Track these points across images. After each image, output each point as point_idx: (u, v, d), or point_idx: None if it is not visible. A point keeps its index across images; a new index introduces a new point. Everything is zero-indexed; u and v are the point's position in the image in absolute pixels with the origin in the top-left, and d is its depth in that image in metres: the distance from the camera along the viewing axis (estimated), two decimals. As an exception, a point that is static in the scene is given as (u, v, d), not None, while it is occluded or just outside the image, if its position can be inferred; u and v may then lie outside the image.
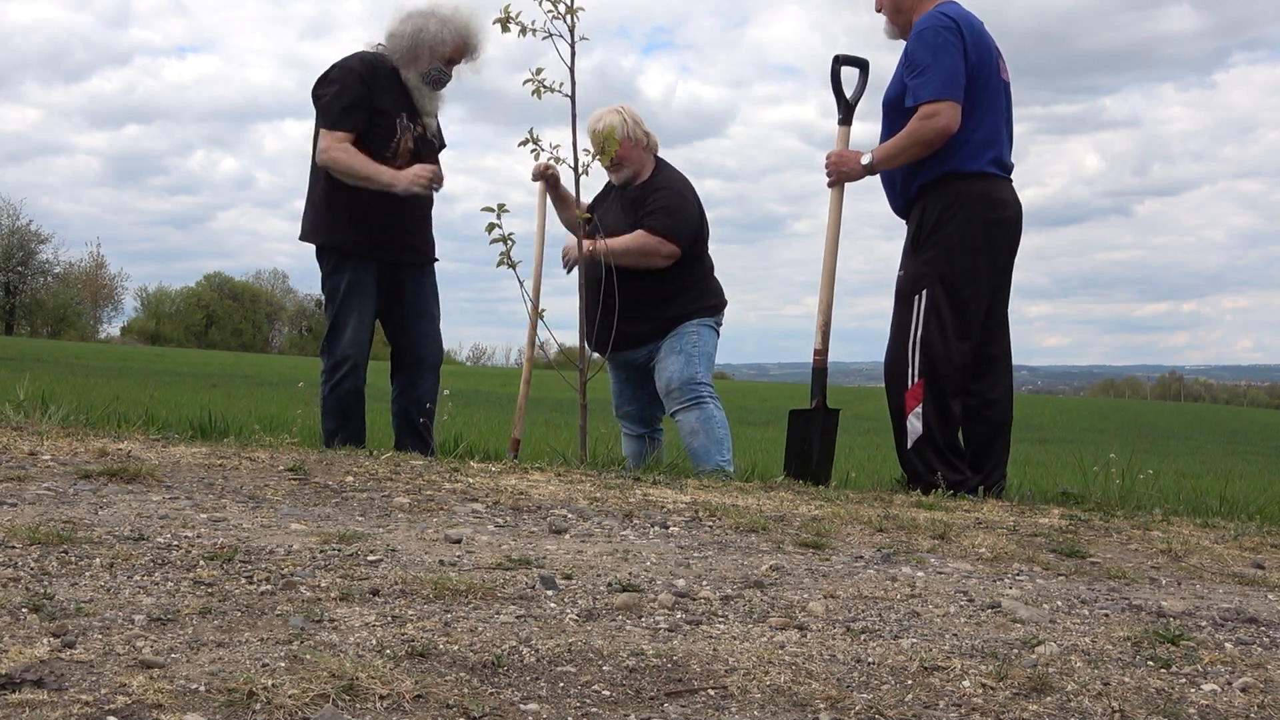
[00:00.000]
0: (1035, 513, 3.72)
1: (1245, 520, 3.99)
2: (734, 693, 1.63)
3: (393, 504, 2.93)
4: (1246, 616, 2.31)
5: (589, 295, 4.62)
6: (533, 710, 1.52)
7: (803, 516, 3.20)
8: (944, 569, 2.62)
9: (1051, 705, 1.66)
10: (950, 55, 4.00)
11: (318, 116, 4.44)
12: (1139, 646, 2.00)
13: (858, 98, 4.48)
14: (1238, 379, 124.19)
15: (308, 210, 4.55)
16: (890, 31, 4.32)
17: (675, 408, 4.76)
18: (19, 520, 2.35)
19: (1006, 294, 4.29)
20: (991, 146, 4.11)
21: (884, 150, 4.19)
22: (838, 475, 4.60)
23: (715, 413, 4.73)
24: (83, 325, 58.96)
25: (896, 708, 1.61)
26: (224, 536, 2.37)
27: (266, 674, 1.53)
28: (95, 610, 1.79)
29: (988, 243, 4.11)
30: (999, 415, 4.25)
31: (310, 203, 4.53)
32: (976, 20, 4.15)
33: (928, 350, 4.08)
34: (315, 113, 4.47)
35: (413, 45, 4.46)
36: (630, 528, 2.86)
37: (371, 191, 4.38)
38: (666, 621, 1.98)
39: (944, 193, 4.10)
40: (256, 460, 3.44)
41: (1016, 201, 4.23)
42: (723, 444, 4.70)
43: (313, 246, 4.55)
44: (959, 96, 4.01)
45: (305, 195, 4.57)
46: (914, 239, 4.18)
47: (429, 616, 1.89)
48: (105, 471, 2.96)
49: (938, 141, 4.02)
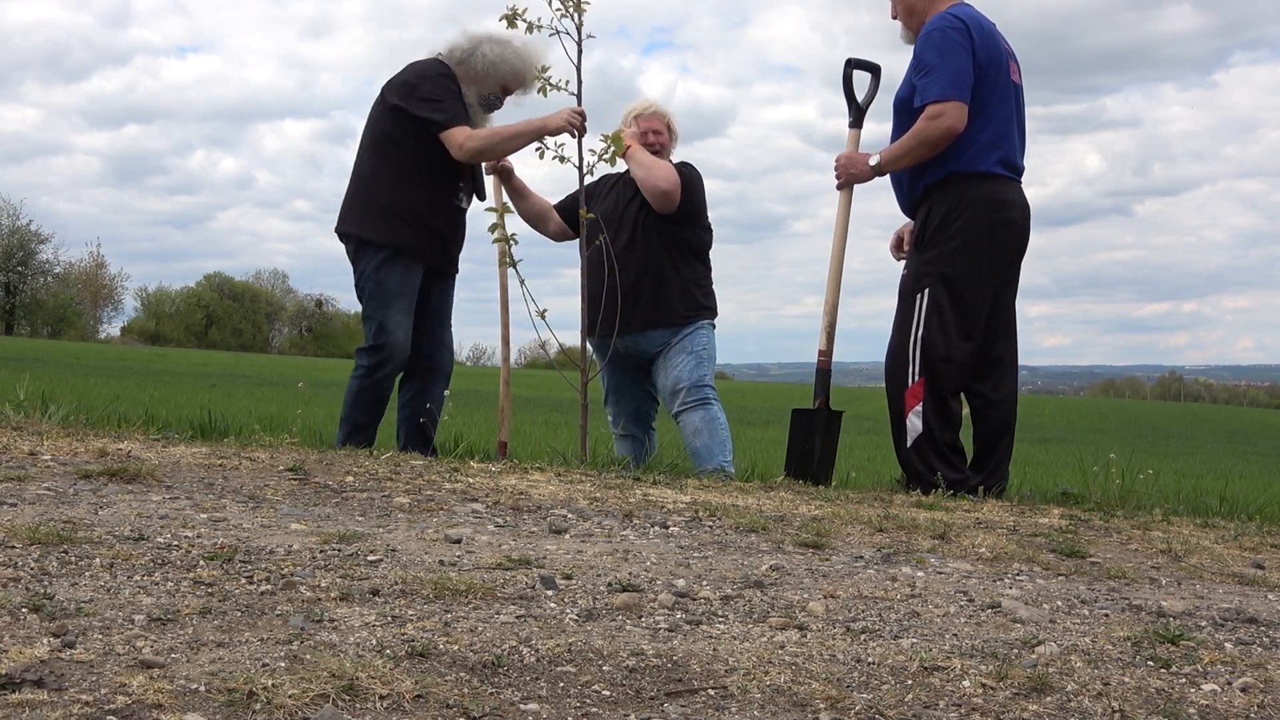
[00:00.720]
0: (1035, 513, 3.72)
1: (1245, 520, 3.99)
2: (734, 693, 1.63)
3: (393, 504, 2.93)
4: (1246, 616, 2.31)
5: (592, 281, 4.63)
6: (533, 710, 1.52)
7: (803, 516, 3.20)
8: (944, 569, 2.62)
9: (1051, 705, 1.66)
10: (957, 56, 4.00)
11: (427, 119, 4.37)
12: (1139, 646, 2.00)
13: (869, 101, 4.50)
14: (1238, 379, 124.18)
15: (358, 205, 4.52)
16: (906, 36, 4.32)
17: (680, 408, 4.79)
18: (19, 520, 2.35)
19: (1013, 295, 4.28)
20: (999, 147, 4.10)
21: (891, 151, 4.20)
22: (838, 475, 4.60)
23: (719, 414, 4.79)
24: (83, 325, 58.96)
25: (896, 708, 1.61)
26: (224, 536, 2.37)
27: (266, 674, 1.53)
28: (95, 610, 1.79)
29: (992, 243, 4.11)
30: (1002, 416, 4.25)
31: (364, 197, 4.51)
32: (987, 21, 4.14)
33: (928, 349, 4.08)
34: (401, 111, 4.40)
35: (488, 69, 4.50)
36: (630, 528, 2.86)
37: (434, 201, 4.47)
38: (666, 621, 1.98)
39: (949, 193, 4.09)
40: (256, 460, 3.44)
41: (1024, 203, 4.22)
42: (725, 445, 4.74)
43: (351, 238, 4.54)
44: (965, 97, 4.01)
45: (347, 189, 4.56)
46: (919, 238, 4.19)
47: (429, 616, 1.89)
48: (105, 471, 2.96)
49: (943, 142, 4.02)
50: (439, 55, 4.55)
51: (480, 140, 4.42)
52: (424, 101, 4.39)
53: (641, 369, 4.97)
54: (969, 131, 4.03)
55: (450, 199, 4.54)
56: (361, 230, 4.49)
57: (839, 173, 4.38)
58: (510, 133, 4.45)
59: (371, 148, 4.51)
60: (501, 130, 4.47)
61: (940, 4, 4.19)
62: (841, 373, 11.08)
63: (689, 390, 4.76)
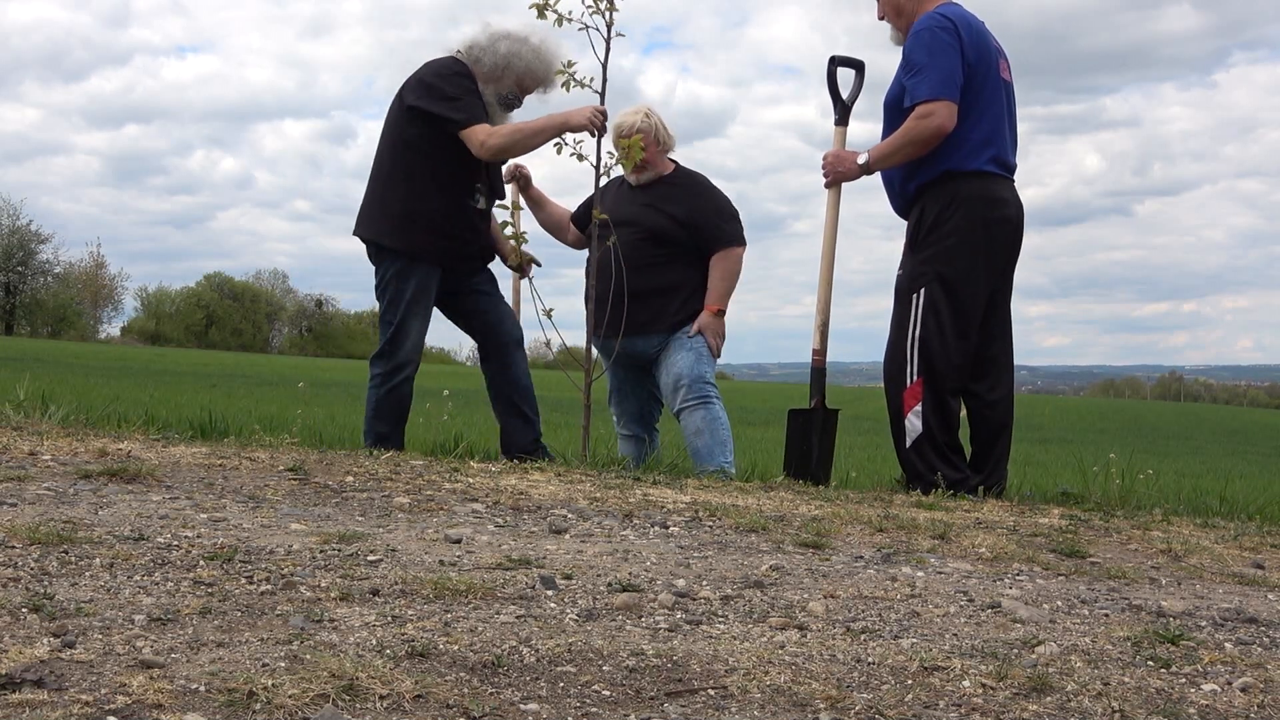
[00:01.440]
0: (1035, 513, 3.72)
1: (1245, 520, 3.99)
2: (734, 693, 1.63)
3: (393, 504, 2.93)
4: (1246, 616, 2.31)
5: (600, 283, 4.64)
6: (533, 710, 1.52)
7: (803, 516, 3.20)
8: (944, 569, 2.62)
9: (1051, 705, 1.66)
10: (946, 55, 4.01)
11: (446, 117, 4.32)
12: (1139, 646, 2.00)
13: (854, 98, 4.49)
14: (1238, 379, 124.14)
15: (376, 210, 4.50)
16: (895, 37, 4.32)
17: (681, 405, 4.78)
18: (19, 520, 2.35)
19: (1008, 294, 4.29)
20: (991, 145, 4.10)
21: (880, 150, 4.20)
22: (838, 475, 4.60)
23: (720, 414, 4.78)
24: (83, 325, 58.95)
25: (896, 708, 1.61)
26: (224, 536, 2.37)
27: (266, 674, 1.53)
28: (95, 610, 1.79)
29: (986, 242, 4.11)
30: (999, 416, 4.25)
31: (380, 203, 4.49)
32: (976, 20, 4.15)
33: (926, 349, 4.08)
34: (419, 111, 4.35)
35: (503, 66, 4.47)
36: (630, 528, 2.86)
37: (450, 205, 4.43)
38: (666, 621, 1.98)
39: (942, 192, 4.10)
40: (256, 460, 3.44)
41: (1017, 201, 4.22)
42: (726, 445, 4.73)
43: (369, 243, 4.52)
44: (955, 96, 4.01)
45: (365, 192, 4.53)
46: (913, 238, 4.19)
47: (429, 616, 1.89)
48: (105, 471, 2.96)
49: (933, 141, 4.03)
50: (456, 53, 4.51)
51: (502, 137, 4.36)
52: (442, 100, 4.34)
53: (644, 369, 4.97)
54: (961, 130, 4.03)
55: (467, 201, 4.51)
56: (379, 236, 4.47)
57: (826, 171, 4.38)
58: (532, 129, 4.38)
59: (389, 150, 4.48)
60: (524, 126, 4.41)
61: (928, 4, 4.19)
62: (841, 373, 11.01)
63: (690, 386, 4.75)
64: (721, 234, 4.82)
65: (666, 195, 4.85)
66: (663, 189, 4.87)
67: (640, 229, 4.77)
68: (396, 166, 4.45)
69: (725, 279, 4.83)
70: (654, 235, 4.77)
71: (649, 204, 4.83)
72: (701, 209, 4.83)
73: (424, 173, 4.41)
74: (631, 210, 4.81)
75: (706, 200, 4.88)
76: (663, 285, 4.78)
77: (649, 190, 4.87)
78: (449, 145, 4.36)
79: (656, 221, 4.79)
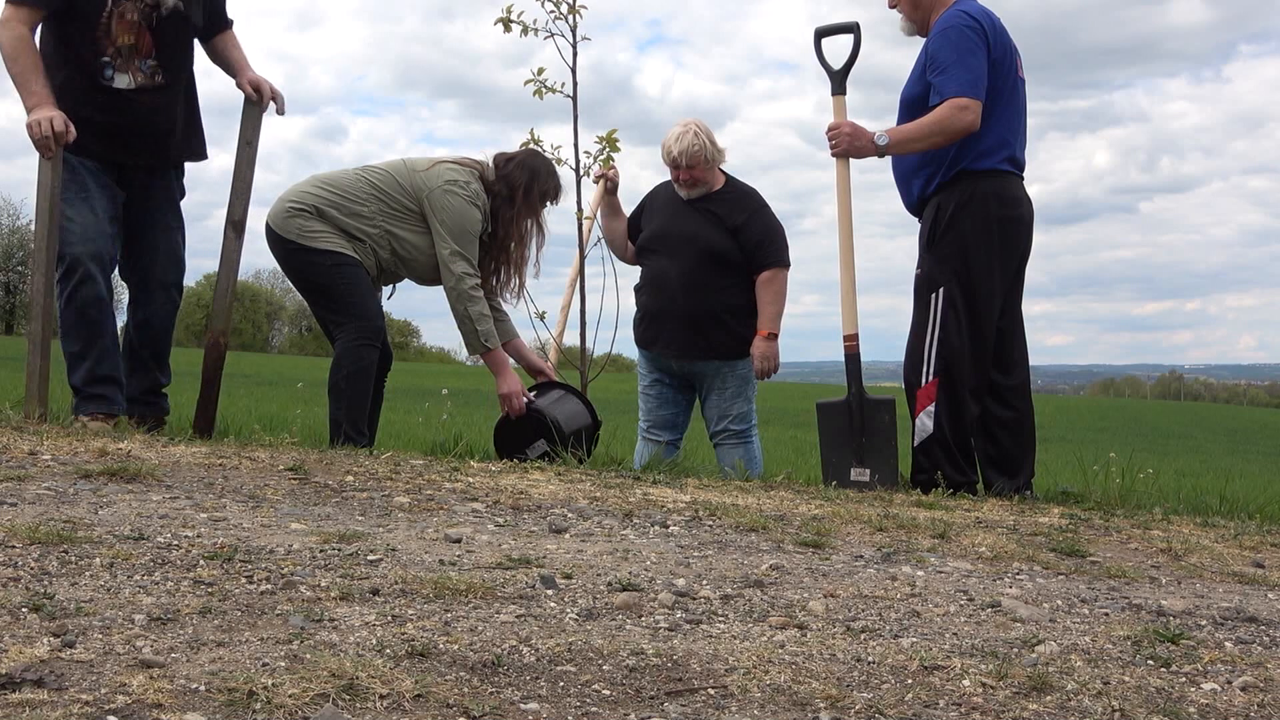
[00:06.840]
0: (1035, 512, 3.72)
1: (1245, 519, 3.98)
2: (734, 692, 1.63)
3: (393, 504, 2.93)
4: (1246, 615, 2.31)
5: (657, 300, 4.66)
6: (533, 710, 1.52)
7: (803, 516, 3.20)
8: (944, 568, 2.62)
9: (1051, 704, 1.66)
10: (975, 55, 3.96)
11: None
12: (1139, 645, 2.00)
13: (850, 64, 4.29)
14: (1239, 378, 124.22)
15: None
16: (907, 28, 4.24)
17: (722, 440, 4.87)
18: (19, 520, 2.35)
19: (1019, 295, 4.26)
20: (1007, 145, 4.08)
21: (904, 132, 4.07)
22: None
23: (756, 451, 4.93)
24: (83, 325, 58.83)
25: (896, 707, 1.61)
26: (224, 536, 2.37)
27: (266, 674, 1.53)
28: (95, 610, 1.79)
29: (1003, 240, 4.08)
30: (1016, 418, 4.21)
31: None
32: (996, 18, 4.11)
33: (945, 349, 4.05)
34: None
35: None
36: (630, 527, 2.86)
37: (73, 79, 3.99)
38: (666, 621, 1.98)
39: (958, 190, 4.06)
40: (256, 460, 3.44)
41: (1029, 200, 4.20)
42: (755, 469, 4.79)
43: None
44: (982, 96, 3.97)
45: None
46: (929, 237, 4.12)
47: (429, 616, 1.89)
48: (105, 471, 2.96)
49: (960, 135, 3.96)
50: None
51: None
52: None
53: (687, 382, 4.96)
54: (980, 129, 4.00)
55: (98, 79, 4.04)
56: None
57: (838, 141, 4.18)
58: (14, 70, 3.87)
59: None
60: (20, 59, 3.88)
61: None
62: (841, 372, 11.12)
63: (735, 420, 4.84)
64: (771, 254, 4.76)
65: (722, 209, 4.78)
66: (717, 202, 4.80)
67: (699, 244, 4.72)
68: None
69: (775, 302, 4.76)
70: (713, 253, 4.72)
71: (706, 218, 4.77)
72: (756, 226, 4.77)
73: (48, 38, 4.01)
74: (690, 225, 4.76)
75: (761, 217, 4.81)
76: (723, 309, 4.74)
77: (703, 204, 4.80)
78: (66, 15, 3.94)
79: (714, 237, 4.73)
